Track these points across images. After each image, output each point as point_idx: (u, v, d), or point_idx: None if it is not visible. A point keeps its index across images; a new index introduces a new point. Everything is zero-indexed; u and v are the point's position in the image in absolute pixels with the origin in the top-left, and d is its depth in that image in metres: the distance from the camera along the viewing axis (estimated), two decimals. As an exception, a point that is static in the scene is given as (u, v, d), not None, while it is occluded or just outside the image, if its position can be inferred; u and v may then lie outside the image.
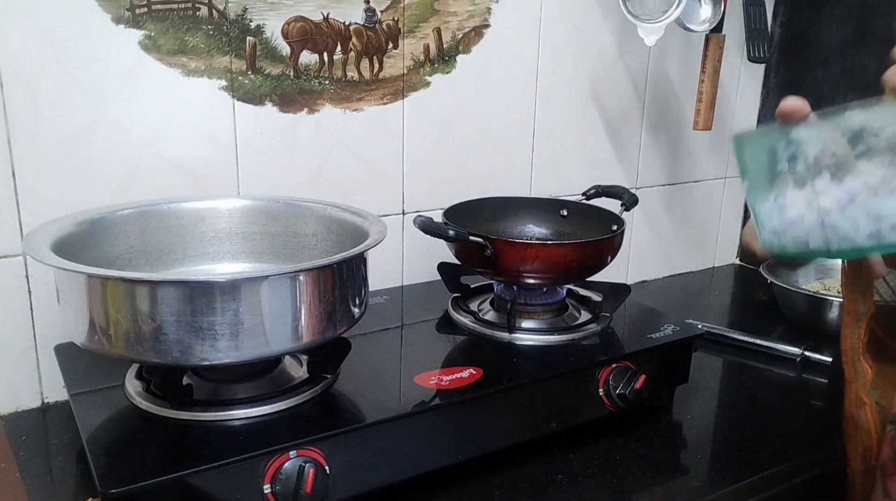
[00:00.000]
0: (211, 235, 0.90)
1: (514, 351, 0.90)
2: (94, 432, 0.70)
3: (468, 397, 0.78)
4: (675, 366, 0.95)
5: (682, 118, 1.39)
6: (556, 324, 0.96)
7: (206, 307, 0.65)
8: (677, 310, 1.02)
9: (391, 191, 1.12)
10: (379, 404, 0.75)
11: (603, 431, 0.88)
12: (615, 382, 0.87)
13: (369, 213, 0.85)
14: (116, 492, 0.60)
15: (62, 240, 0.74)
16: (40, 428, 0.87)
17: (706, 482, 0.83)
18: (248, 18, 0.94)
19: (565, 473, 0.81)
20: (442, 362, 0.86)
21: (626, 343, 0.93)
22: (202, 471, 0.63)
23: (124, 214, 0.85)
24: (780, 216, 0.50)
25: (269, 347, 0.69)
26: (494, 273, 0.94)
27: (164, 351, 0.66)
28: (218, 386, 0.76)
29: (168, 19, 0.89)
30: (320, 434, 0.69)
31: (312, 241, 0.90)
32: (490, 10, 1.12)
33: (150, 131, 0.91)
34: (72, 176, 0.87)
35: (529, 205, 1.11)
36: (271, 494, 0.66)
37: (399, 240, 1.14)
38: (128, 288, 0.66)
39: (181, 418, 0.71)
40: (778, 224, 0.50)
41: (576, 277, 0.97)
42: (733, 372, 1.10)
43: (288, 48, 0.98)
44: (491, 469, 0.80)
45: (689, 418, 0.95)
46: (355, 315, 0.77)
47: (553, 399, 0.84)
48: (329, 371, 0.79)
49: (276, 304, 0.68)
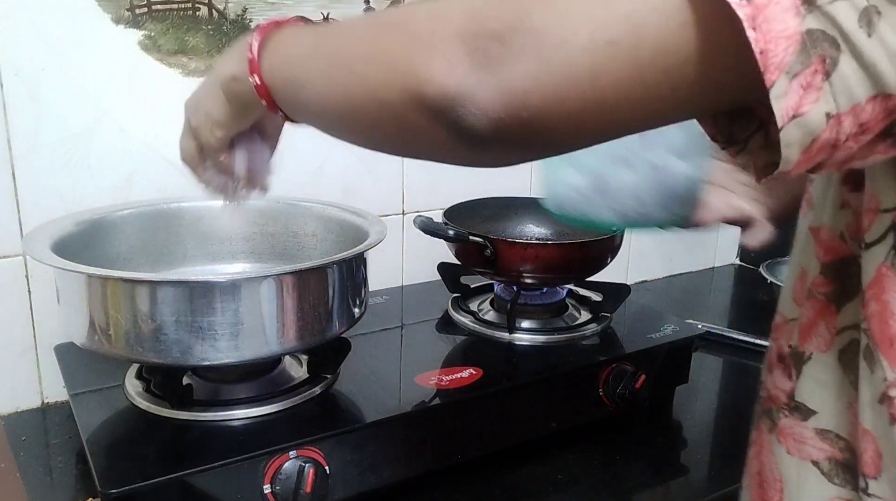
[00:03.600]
0: (211, 235, 0.90)
1: (514, 351, 0.90)
2: (94, 432, 0.70)
3: (468, 397, 0.78)
4: (675, 366, 0.95)
5: (682, 118, 1.39)
6: (556, 324, 0.96)
7: (206, 307, 0.65)
8: (677, 310, 1.02)
9: (391, 191, 1.12)
10: (379, 404, 0.75)
11: (603, 431, 0.88)
12: (615, 382, 0.87)
13: (369, 213, 0.85)
14: (116, 492, 0.60)
15: (62, 240, 0.74)
16: (40, 428, 0.87)
17: (706, 482, 0.83)
18: (248, 18, 0.94)
19: (565, 473, 0.81)
20: (442, 362, 0.86)
21: (626, 343, 0.93)
22: (202, 471, 0.63)
23: (124, 214, 0.85)
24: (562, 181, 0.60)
25: (269, 347, 0.69)
26: (494, 273, 0.94)
27: (164, 351, 0.66)
28: (218, 386, 0.76)
29: (168, 19, 0.89)
30: (320, 434, 0.69)
31: (312, 241, 0.90)
32: (490, 10, 1.12)
33: (150, 131, 0.91)
34: (72, 176, 0.87)
35: (529, 205, 1.11)
36: (271, 494, 0.66)
37: (399, 240, 1.14)
38: (128, 288, 0.66)
39: (181, 418, 0.71)
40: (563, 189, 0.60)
41: (576, 277, 0.97)
42: (733, 372, 1.10)
43: (288, 48, 0.98)
44: (491, 469, 0.80)
45: (689, 418, 0.95)
46: (355, 315, 0.77)
47: (553, 399, 0.84)
48: (329, 371, 0.79)
49: (276, 304, 0.68)
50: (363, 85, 0.40)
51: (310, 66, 0.45)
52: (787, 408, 0.48)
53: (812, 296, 0.46)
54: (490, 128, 0.35)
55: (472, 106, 0.35)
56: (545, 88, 0.34)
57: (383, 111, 0.39)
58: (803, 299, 0.47)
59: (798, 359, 0.47)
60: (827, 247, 0.45)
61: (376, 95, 0.39)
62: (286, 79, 0.48)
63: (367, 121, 0.41)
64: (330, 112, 0.44)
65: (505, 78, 0.34)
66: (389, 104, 0.38)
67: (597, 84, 0.33)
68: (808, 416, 0.46)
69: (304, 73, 0.46)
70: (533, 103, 0.34)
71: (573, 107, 0.34)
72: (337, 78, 0.42)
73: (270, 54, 0.49)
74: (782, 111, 0.31)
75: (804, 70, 0.30)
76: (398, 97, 0.38)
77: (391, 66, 0.38)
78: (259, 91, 0.49)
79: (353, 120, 0.42)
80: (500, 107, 0.35)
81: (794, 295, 0.49)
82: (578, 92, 0.34)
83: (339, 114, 0.43)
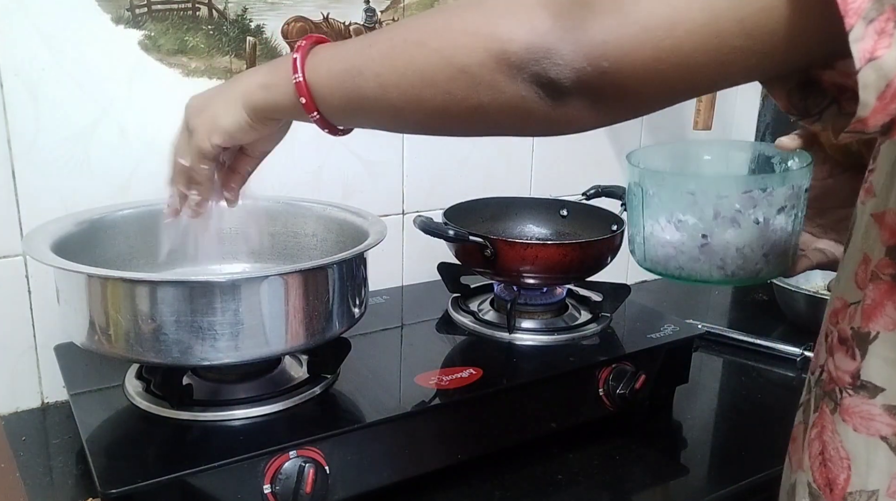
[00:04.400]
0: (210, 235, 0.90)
1: (514, 351, 0.90)
2: (94, 432, 0.70)
3: (468, 397, 0.78)
4: (675, 366, 0.95)
5: (682, 118, 1.39)
6: (555, 324, 0.96)
7: (205, 307, 0.65)
8: (677, 310, 1.02)
9: (391, 191, 1.12)
10: (379, 404, 0.75)
11: (603, 431, 0.88)
12: (615, 382, 0.87)
13: (369, 213, 0.85)
14: (116, 492, 0.60)
15: (62, 240, 0.74)
16: (40, 428, 0.87)
17: (706, 482, 0.83)
18: (248, 18, 0.94)
19: (565, 473, 0.81)
20: (442, 362, 0.86)
21: (626, 343, 0.93)
22: (202, 471, 0.63)
23: (124, 214, 0.85)
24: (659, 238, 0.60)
25: (269, 347, 0.69)
26: (494, 273, 0.94)
27: (164, 351, 0.66)
28: (218, 386, 0.76)
29: (168, 19, 0.89)
30: (320, 434, 0.69)
31: (312, 241, 0.90)
32: (490, 10, 1.12)
33: (150, 131, 0.91)
34: (72, 176, 0.87)
35: (529, 205, 1.11)
36: (271, 494, 0.66)
37: (399, 240, 1.14)
38: (128, 288, 0.66)
39: (181, 418, 0.71)
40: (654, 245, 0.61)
41: (576, 277, 0.97)
42: (733, 372, 1.10)
43: (288, 48, 0.98)
44: (491, 469, 0.80)
45: (689, 418, 0.95)
46: (355, 315, 0.77)
47: (553, 399, 0.84)
48: (329, 371, 0.79)
49: (276, 304, 0.68)
50: (438, 54, 0.42)
51: (369, 54, 0.47)
52: (851, 388, 0.49)
53: (876, 279, 0.47)
54: (572, 78, 0.37)
55: (556, 57, 0.37)
56: (624, 38, 0.36)
57: (461, 77, 0.41)
58: (866, 282, 0.48)
59: (863, 340, 0.48)
60: (892, 229, 0.47)
61: (453, 61, 0.41)
62: (339, 69, 0.49)
63: (439, 91, 0.42)
64: (393, 91, 0.45)
65: (588, 31, 0.36)
66: (468, 67, 0.40)
67: (673, 33, 0.35)
68: (876, 393, 0.48)
69: (361, 59, 0.47)
70: (612, 53, 0.36)
71: (650, 55, 0.36)
72: (404, 56, 0.44)
73: (316, 54, 0.51)
74: (860, 53, 0.33)
75: (878, 17, 0.32)
76: (479, 58, 0.39)
77: (470, 33, 0.40)
78: (299, 88, 0.51)
79: (423, 93, 0.44)
80: (582, 57, 0.37)
81: (856, 280, 0.50)
82: (655, 41, 0.36)
83: (404, 92, 0.45)
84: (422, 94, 0.44)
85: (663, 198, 0.60)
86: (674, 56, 0.36)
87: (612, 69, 0.37)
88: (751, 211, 0.57)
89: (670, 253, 0.60)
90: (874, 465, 0.48)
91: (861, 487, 0.49)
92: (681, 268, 0.60)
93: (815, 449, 0.54)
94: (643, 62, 0.36)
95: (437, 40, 0.42)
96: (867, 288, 0.48)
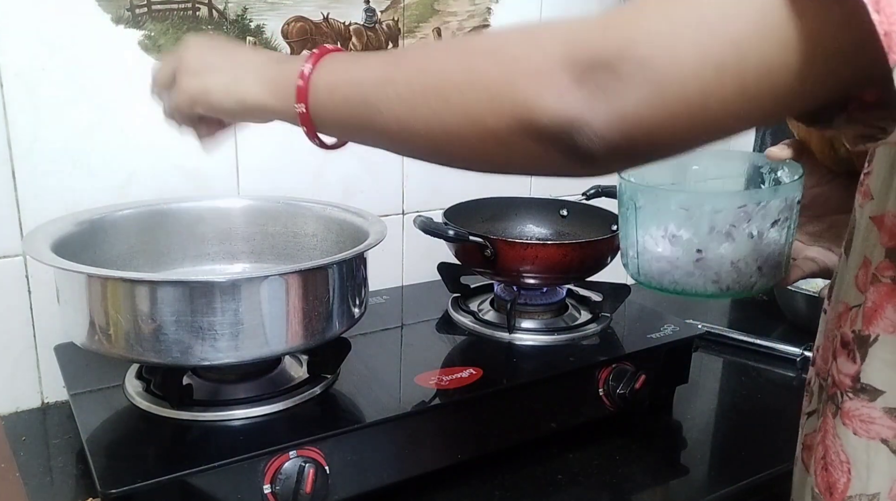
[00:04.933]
0: (211, 235, 0.90)
1: (514, 351, 0.90)
2: (94, 432, 0.70)
3: (468, 397, 0.78)
4: (675, 366, 0.95)
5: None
6: (555, 324, 0.96)
7: (205, 307, 0.65)
8: (677, 310, 1.02)
9: (391, 191, 1.12)
10: (379, 404, 0.75)
11: (603, 431, 0.88)
12: (615, 382, 0.87)
13: (369, 213, 0.85)
14: (116, 492, 0.60)
15: (62, 240, 0.74)
16: (40, 428, 0.87)
17: (706, 482, 0.83)
18: (248, 18, 0.94)
19: (565, 473, 0.81)
20: (442, 362, 0.86)
21: (626, 343, 0.93)
22: (202, 471, 0.63)
23: (124, 214, 0.85)
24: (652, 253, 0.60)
25: (269, 347, 0.69)
26: (494, 273, 0.94)
27: (164, 351, 0.66)
28: (218, 386, 0.76)
29: (168, 19, 0.89)
30: (320, 434, 0.69)
31: (312, 241, 0.90)
32: (490, 10, 1.12)
33: (150, 132, 0.91)
34: (72, 176, 0.87)
35: (529, 205, 1.11)
36: (271, 494, 0.66)
37: (399, 240, 1.14)
38: (128, 288, 0.66)
39: (181, 418, 0.71)
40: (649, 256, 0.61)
41: (576, 277, 0.97)
42: (733, 372, 1.10)
43: (288, 48, 0.98)
44: (491, 469, 0.80)
45: (689, 418, 0.95)
46: (355, 315, 0.77)
47: (553, 399, 0.84)
48: (329, 371, 0.79)
49: (276, 304, 0.68)
50: (463, 113, 0.41)
51: (386, 93, 0.45)
52: (851, 391, 0.49)
53: (876, 282, 0.48)
54: (604, 149, 0.37)
55: (588, 131, 0.37)
56: (659, 113, 0.36)
57: (489, 137, 0.40)
58: (867, 286, 0.49)
59: (863, 343, 0.49)
60: (891, 232, 0.47)
61: (481, 123, 0.40)
62: (353, 103, 0.47)
63: (466, 146, 0.42)
64: (418, 138, 0.44)
65: (619, 105, 0.36)
66: (496, 131, 0.40)
67: (706, 104, 0.35)
68: (876, 396, 0.48)
69: (378, 98, 0.45)
70: (646, 126, 0.36)
71: (683, 125, 0.37)
72: (426, 105, 0.43)
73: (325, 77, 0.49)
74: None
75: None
76: (507, 124, 0.39)
77: (494, 93, 0.39)
78: (302, 118, 0.50)
79: (450, 145, 0.43)
80: (616, 131, 0.37)
81: (857, 284, 0.50)
82: (689, 113, 0.36)
83: (429, 141, 0.44)
84: (450, 146, 0.43)
85: (656, 213, 0.60)
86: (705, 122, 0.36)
87: (645, 138, 0.37)
88: (745, 225, 0.57)
89: (665, 268, 0.60)
90: (875, 468, 0.48)
91: (861, 491, 0.49)
92: (675, 283, 0.60)
93: (818, 454, 0.54)
94: (675, 131, 0.37)
95: (460, 97, 0.41)
96: (868, 292, 0.48)
